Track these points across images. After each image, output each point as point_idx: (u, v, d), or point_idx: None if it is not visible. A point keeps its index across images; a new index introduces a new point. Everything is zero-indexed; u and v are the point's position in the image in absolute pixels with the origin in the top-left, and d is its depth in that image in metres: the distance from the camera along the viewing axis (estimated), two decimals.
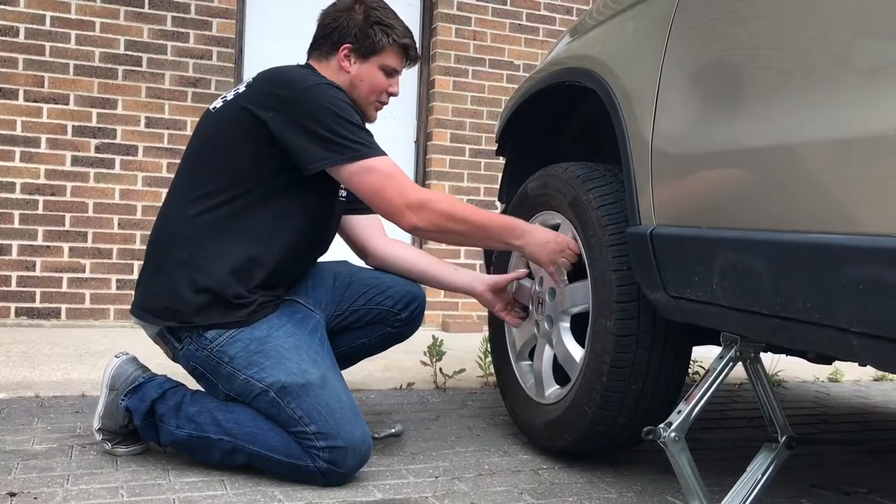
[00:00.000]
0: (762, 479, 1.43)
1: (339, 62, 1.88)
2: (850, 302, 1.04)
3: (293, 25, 4.45)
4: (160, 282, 1.76)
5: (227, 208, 1.74)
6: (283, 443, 1.66)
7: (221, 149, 1.78)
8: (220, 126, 1.81)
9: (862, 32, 1.10)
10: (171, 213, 1.81)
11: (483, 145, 4.76)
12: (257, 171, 1.75)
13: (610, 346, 1.65)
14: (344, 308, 1.99)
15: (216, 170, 1.77)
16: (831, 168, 1.12)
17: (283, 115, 1.71)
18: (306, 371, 1.68)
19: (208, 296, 1.71)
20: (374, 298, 2.01)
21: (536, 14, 4.90)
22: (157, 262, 1.78)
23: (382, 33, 1.88)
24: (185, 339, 1.75)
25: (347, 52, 1.88)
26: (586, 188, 1.77)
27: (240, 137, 1.75)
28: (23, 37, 3.92)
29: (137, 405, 1.73)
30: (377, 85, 1.91)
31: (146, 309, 1.78)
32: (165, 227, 1.80)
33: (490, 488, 1.70)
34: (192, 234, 1.74)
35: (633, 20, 1.73)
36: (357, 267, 2.09)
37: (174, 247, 1.75)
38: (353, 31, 1.88)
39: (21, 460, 1.76)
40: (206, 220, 1.74)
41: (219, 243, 1.73)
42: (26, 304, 3.92)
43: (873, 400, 3.00)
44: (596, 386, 1.68)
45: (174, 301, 1.73)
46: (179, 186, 1.83)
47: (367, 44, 1.88)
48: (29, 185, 3.93)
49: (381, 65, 1.90)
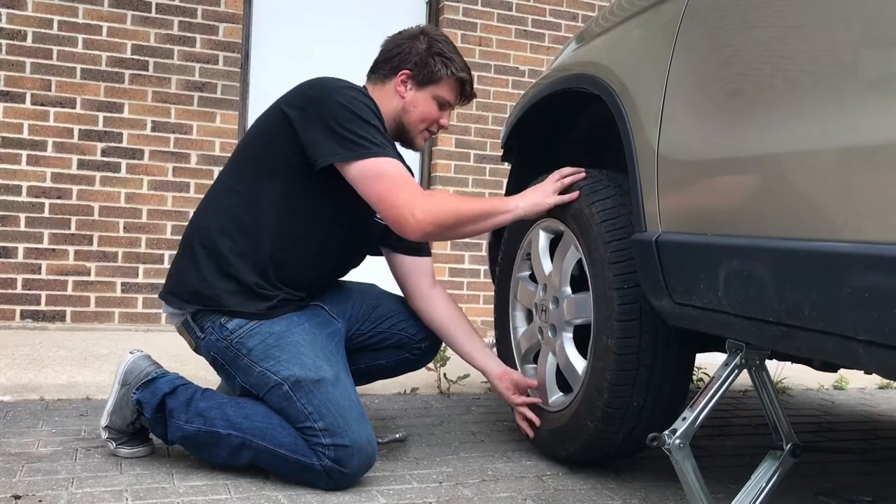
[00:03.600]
0: (767, 487, 1.43)
1: (396, 86, 1.91)
2: (856, 310, 1.04)
3: (300, 30, 4.47)
4: (189, 268, 1.81)
5: (257, 204, 1.79)
6: (291, 438, 1.67)
7: (258, 147, 1.84)
8: (260, 126, 1.87)
9: (868, 41, 1.10)
10: (208, 203, 1.87)
11: (488, 151, 4.76)
12: (285, 170, 1.79)
13: (611, 364, 1.64)
14: (369, 328, 2.02)
15: (246, 170, 1.83)
16: (837, 176, 1.12)
17: (306, 111, 1.75)
18: (321, 367, 1.71)
19: (232, 282, 1.77)
20: (398, 324, 2.05)
21: (542, 20, 4.90)
22: (189, 249, 1.83)
23: (442, 64, 1.91)
24: (207, 329, 1.79)
25: (405, 78, 1.91)
26: (589, 201, 1.76)
27: (273, 136, 1.81)
28: (30, 41, 3.93)
29: (149, 399, 1.75)
30: (429, 114, 1.93)
31: (174, 293, 1.84)
32: (201, 217, 1.86)
33: (494, 494, 1.70)
34: (223, 225, 1.80)
35: (640, 27, 1.73)
36: (387, 292, 2.12)
37: (205, 236, 1.81)
38: (413, 59, 1.91)
39: (26, 463, 1.77)
40: (230, 216, 1.80)
41: (246, 237, 1.78)
42: (32, 307, 3.93)
43: (879, 408, 2.99)
44: (597, 402, 1.68)
45: (201, 286, 1.78)
46: (222, 181, 1.89)
47: (426, 72, 1.91)
48: (35, 189, 3.94)
49: (435, 95, 1.93)
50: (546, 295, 1.96)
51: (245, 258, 1.78)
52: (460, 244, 4.67)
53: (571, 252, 1.85)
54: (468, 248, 4.71)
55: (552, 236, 2.01)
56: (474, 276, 4.73)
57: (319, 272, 1.92)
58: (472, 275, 4.73)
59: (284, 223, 1.79)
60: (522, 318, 2.19)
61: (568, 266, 1.87)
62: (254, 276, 1.77)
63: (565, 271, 1.88)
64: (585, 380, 1.73)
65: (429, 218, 1.72)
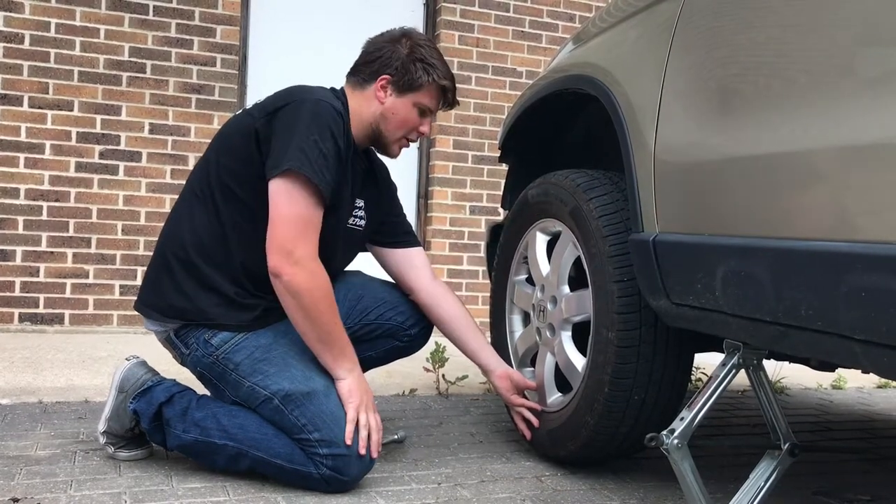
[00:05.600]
0: (765, 487, 1.43)
1: (375, 91, 1.85)
2: (853, 309, 1.04)
3: (297, 32, 4.47)
4: (167, 281, 1.77)
5: (229, 214, 1.75)
6: (287, 449, 1.66)
7: (225, 159, 1.78)
8: (229, 135, 1.82)
9: (865, 40, 1.11)
10: (176, 216, 1.82)
11: (486, 152, 4.76)
12: (252, 179, 1.73)
13: (612, 357, 1.65)
14: (354, 321, 1.98)
15: (219, 179, 1.77)
16: (834, 176, 1.13)
17: (270, 120, 1.70)
18: (311, 379, 1.69)
19: (213, 294, 1.73)
20: (385, 314, 2.02)
21: (539, 21, 4.91)
22: (163, 261, 1.79)
23: (424, 71, 1.84)
24: (192, 345, 1.76)
25: (385, 83, 1.85)
26: (587, 197, 1.77)
27: (241, 145, 1.75)
28: (28, 43, 3.93)
29: (145, 409, 1.74)
30: (408, 121, 1.88)
31: (153, 306, 1.79)
32: (173, 228, 1.81)
33: (493, 495, 1.70)
34: (193, 238, 1.75)
35: (637, 28, 1.74)
36: (369, 278, 2.08)
37: (179, 247, 1.76)
38: (394, 64, 1.84)
39: (24, 466, 1.76)
40: (206, 227, 1.76)
41: (221, 247, 1.74)
42: (30, 310, 3.93)
43: (877, 407, 2.99)
44: (598, 396, 1.68)
45: (180, 299, 1.74)
46: (186, 192, 1.84)
47: (407, 78, 1.84)
48: (33, 191, 3.94)
49: (416, 102, 1.86)
50: (544, 295, 1.96)
51: (219, 269, 1.74)
52: (458, 246, 4.67)
53: (570, 250, 1.86)
54: (466, 249, 4.71)
55: (549, 237, 2.01)
56: (473, 276, 4.73)
57: None
58: (471, 276, 4.73)
59: (252, 232, 1.73)
60: (519, 322, 2.19)
61: (566, 264, 1.87)
62: (231, 286, 1.74)
63: (563, 270, 1.88)
64: (586, 375, 1.74)
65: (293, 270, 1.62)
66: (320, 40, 4.46)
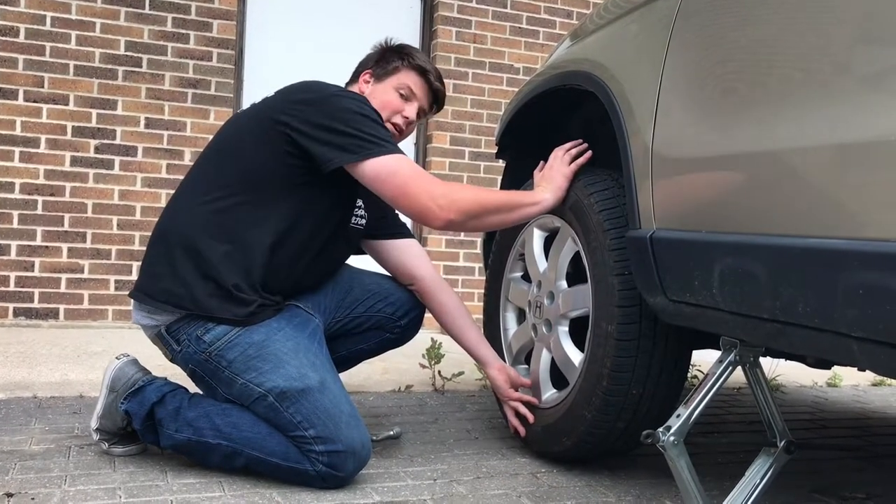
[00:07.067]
0: (761, 484, 1.43)
1: (360, 86, 1.97)
2: (850, 307, 1.04)
3: (294, 27, 4.46)
4: (164, 267, 1.74)
5: (234, 209, 1.73)
6: (282, 447, 1.65)
7: (238, 151, 1.77)
8: (240, 129, 1.82)
9: (863, 38, 1.10)
10: (178, 206, 1.80)
11: (483, 148, 4.76)
12: (270, 177, 1.73)
13: (611, 351, 1.64)
14: (344, 314, 1.99)
15: (229, 171, 1.76)
16: (831, 173, 1.12)
17: (307, 116, 1.71)
18: (305, 375, 1.67)
19: (210, 284, 1.70)
20: (374, 306, 2.02)
21: (537, 17, 4.90)
22: (163, 248, 1.76)
23: (398, 56, 1.97)
24: (183, 342, 1.74)
25: (368, 77, 1.97)
26: (587, 192, 1.77)
27: (259, 142, 1.74)
28: (23, 37, 3.91)
29: (137, 409, 1.73)
30: (389, 103, 1.92)
31: (146, 291, 1.76)
32: (171, 219, 1.79)
33: (488, 491, 1.70)
34: (197, 227, 1.73)
35: (634, 24, 1.73)
36: (357, 270, 2.08)
37: (179, 237, 1.74)
38: (374, 58, 1.99)
39: (18, 461, 1.76)
40: (211, 217, 1.73)
41: (221, 240, 1.72)
42: (25, 305, 3.91)
43: (872, 405, 3.00)
44: (596, 390, 1.68)
45: (176, 285, 1.71)
46: (190, 182, 1.83)
47: (383, 64, 1.96)
48: (28, 186, 3.93)
49: (395, 85, 1.94)
50: (541, 291, 1.96)
51: (230, 261, 1.71)
52: (455, 242, 4.67)
53: (568, 245, 1.86)
54: (463, 245, 4.71)
55: (547, 234, 2.01)
56: (469, 273, 4.73)
57: (307, 279, 1.87)
58: (468, 272, 4.73)
59: (262, 229, 1.73)
60: (513, 319, 2.19)
61: (564, 260, 1.87)
62: (234, 278, 1.70)
63: (561, 266, 1.88)
64: (583, 369, 1.73)
65: (452, 206, 1.70)
66: (317, 35, 4.44)
